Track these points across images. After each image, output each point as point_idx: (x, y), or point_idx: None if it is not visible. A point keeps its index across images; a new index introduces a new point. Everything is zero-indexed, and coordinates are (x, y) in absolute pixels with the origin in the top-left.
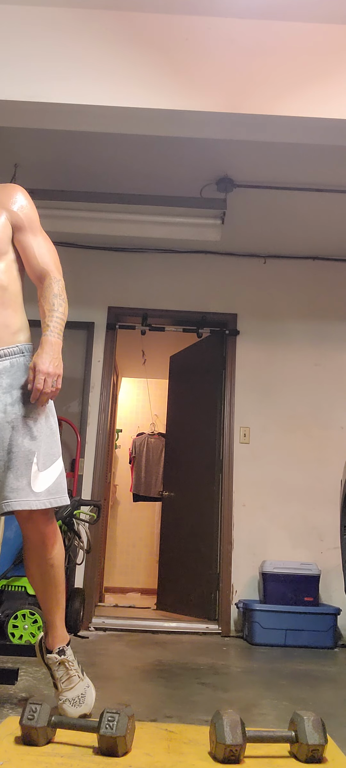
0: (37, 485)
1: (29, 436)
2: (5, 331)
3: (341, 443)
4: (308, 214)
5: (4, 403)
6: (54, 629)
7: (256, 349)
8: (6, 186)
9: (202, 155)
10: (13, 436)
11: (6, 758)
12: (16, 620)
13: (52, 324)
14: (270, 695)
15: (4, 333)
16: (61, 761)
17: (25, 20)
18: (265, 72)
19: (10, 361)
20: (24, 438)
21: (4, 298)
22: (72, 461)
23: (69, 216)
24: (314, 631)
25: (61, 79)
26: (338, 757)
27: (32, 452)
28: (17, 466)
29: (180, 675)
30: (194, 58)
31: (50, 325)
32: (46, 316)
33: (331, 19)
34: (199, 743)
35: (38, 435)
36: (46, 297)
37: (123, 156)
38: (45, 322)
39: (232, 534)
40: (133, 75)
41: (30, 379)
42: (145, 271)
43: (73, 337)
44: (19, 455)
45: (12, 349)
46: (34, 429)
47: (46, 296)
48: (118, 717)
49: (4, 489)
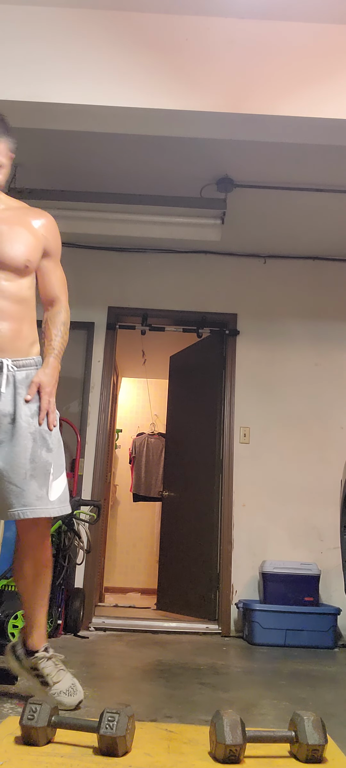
0: (52, 494)
1: (46, 448)
2: (24, 343)
3: (341, 443)
4: (308, 214)
5: (26, 414)
6: (40, 628)
7: (256, 349)
8: (41, 212)
9: (202, 155)
10: (34, 446)
11: (6, 758)
12: (16, 620)
13: (57, 348)
14: (270, 695)
15: (23, 344)
16: (61, 761)
17: (25, 20)
18: (265, 72)
19: (26, 372)
20: (42, 449)
21: (25, 312)
22: (72, 461)
23: (69, 216)
24: (314, 631)
25: (61, 79)
26: (338, 757)
27: (49, 463)
28: (40, 475)
29: (180, 675)
30: (194, 58)
31: (55, 349)
32: (52, 339)
33: (331, 19)
34: (199, 743)
35: (53, 446)
36: (54, 321)
37: (123, 156)
38: (50, 344)
39: (232, 534)
40: (134, 75)
41: (31, 392)
42: (145, 271)
43: (73, 337)
44: (40, 465)
45: (28, 361)
46: (50, 441)
47: (55, 321)
48: (118, 717)
49: (29, 496)
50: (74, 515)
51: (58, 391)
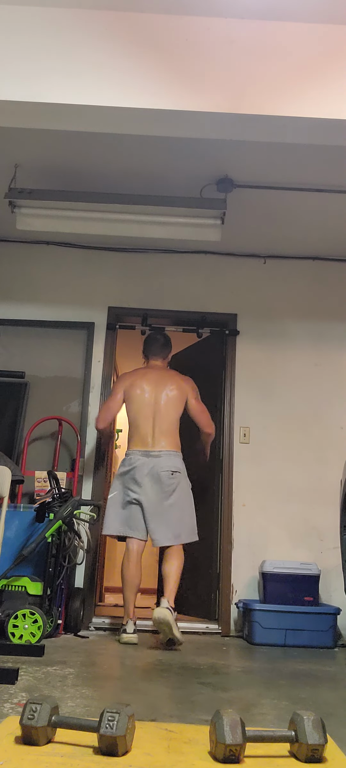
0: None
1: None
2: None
3: (341, 443)
4: (308, 214)
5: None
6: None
7: (256, 349)
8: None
9: (202, 155)
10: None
11: (6, 758)
12: (16, 620)
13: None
14: (270, 695)
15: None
16: (61, 761)
17: (25, 20)
18: (265, 72)
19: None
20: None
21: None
22: (72, 461)
23: (69, 216)
24: (314, 630)
25: (62, 79)
26: (338, 757)
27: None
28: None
29: (180, 675)
30: (194, 58)
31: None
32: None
33: (331, 19)
34: (199, 743)
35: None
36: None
37: (123, 156)
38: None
39: (232, 534)
40: (134, 75)
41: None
42: (146, 271)
43: (73, 337)
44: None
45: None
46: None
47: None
48: (118, 717)
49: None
50: (74, 515)
51: (59, 391)
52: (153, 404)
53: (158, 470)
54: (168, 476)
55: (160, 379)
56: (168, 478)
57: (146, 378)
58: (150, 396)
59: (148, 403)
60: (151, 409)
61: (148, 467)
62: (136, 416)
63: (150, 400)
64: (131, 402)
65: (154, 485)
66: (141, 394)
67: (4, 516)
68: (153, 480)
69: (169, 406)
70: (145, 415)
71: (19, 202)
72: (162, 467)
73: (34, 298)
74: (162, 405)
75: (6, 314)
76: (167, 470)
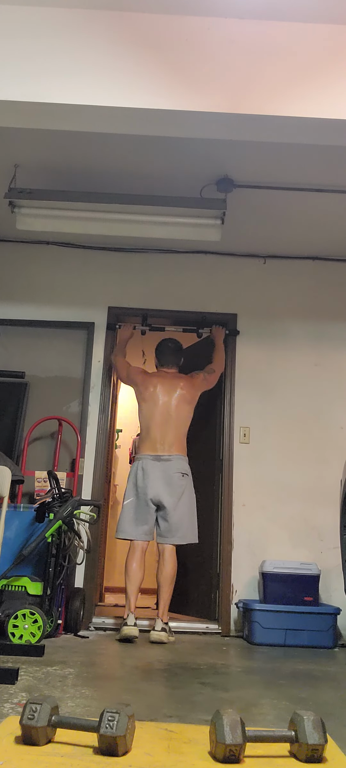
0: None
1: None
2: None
3: (341, 443)
4: (308, 214)
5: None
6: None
7: (256, 349)
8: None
9: (202, 155)
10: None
11: (6, 758)
12: (16, 620)
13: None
14: (270, 695)
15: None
16: (61, 761)
17: (25, 20)
18: (265, 72)
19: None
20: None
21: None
22: (72, 461)
23: (69, 216)
24: (313, 630)
25: (61, 79)
26: (338, 757)
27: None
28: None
29: (180, 675)
30: (194, 58)
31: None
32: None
33: (331, 19)
34: (199, 743)
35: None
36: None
37: (123, 156)
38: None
39: (232, 534)
40: (134, 75)
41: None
42: (145, 271)
43: (73, 337)
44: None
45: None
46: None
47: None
48: (118, 717)
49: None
50: (74, 515)
51: (58, 390)
52: (165, 412)
53: (170, 472)
54: (179, 477)
55: (172, 386)
56: (179, 479)
57: (160, 382)
58: (163, 402)
59: (160, 410)
60: (163, 416)
61: (160, 470)
62: (148, 422)
63: (162, 407)
64: (144, 402)
65: (166, 487)
66: (154, 398)
67: (4, 516)
68: (165, 482)
69: (180, 411)
70: (157, 422)
71: (19, 202)
72: (173, 470)
73: (34, 298)
74: (173, 411)
75: (6, 314)
76: (178, 472)
